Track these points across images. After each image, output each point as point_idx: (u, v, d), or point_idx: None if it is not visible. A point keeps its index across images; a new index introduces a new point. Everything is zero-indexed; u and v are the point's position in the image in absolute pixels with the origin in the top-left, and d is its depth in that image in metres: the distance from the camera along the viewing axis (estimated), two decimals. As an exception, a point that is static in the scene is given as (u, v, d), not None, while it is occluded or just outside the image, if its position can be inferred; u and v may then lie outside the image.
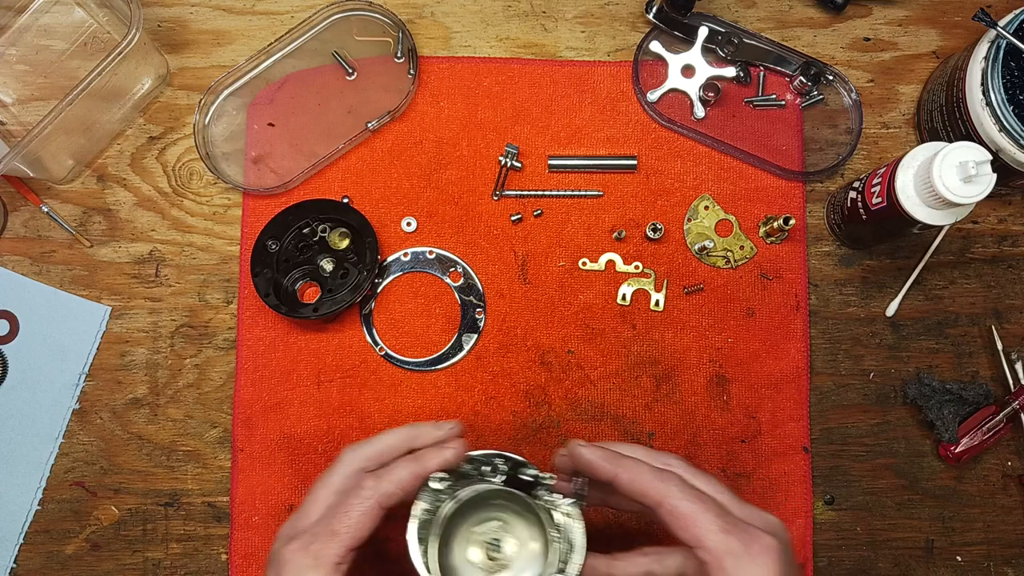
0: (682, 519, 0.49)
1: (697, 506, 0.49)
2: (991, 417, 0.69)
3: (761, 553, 0.47)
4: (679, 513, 0.49)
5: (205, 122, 0.72)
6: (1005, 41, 0.62)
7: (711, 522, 0.48)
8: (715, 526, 0.48)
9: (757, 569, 0.47)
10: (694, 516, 0.48)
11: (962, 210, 0.59)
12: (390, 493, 0.52)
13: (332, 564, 0.50)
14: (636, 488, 0.51)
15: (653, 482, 0.50)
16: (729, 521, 0.49)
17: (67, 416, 0.70)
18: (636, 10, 0.74)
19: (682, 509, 0.49)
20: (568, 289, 0.71)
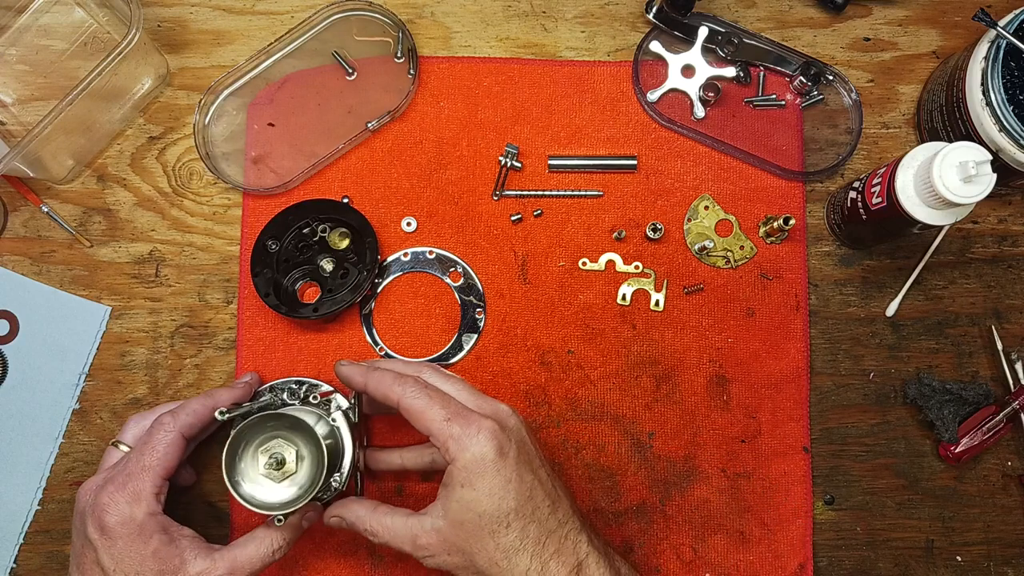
0: (415, 413, 0.56)
1: (426, 401, 0.56)
2: (991, 417, 0.69)
3: (478, 433, 0.54)
4: (412, 409, 0.56)
5: (205, 122, 0.72)
6: (1005, 41, 0.62)
7: (437, 413, 0.55)
8: (440, 416, 0.55)
9: (475, 447, 0.54)
10: (423, 410, 0.56)
11: (962, 210, 0.59)
12: (189, 424, 0.59)
13: (152, 495, 0.57)
14: (381, 392, 0.58)
15: (392, 386, 0.57)
16: (453, 411, 0.56)
17: (67, 416, 0.70)
18: (636, 10, 0.74)
19: (414, 405, 0.56)
20: (568, 289, 0.71)
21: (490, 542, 0.54)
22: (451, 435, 0.55)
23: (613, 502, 0.69)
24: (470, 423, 0.55)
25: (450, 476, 0.55)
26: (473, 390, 0.59)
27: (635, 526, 0.69)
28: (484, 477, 0.54)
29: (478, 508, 0.54)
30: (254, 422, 0.59)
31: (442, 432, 0.55)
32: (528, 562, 0.54)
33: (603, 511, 0.69)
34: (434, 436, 0.56)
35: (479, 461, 0.54)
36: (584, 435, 0.70)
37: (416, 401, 0.56)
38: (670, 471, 0.69)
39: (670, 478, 0.69)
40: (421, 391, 0.57)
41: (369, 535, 0.59)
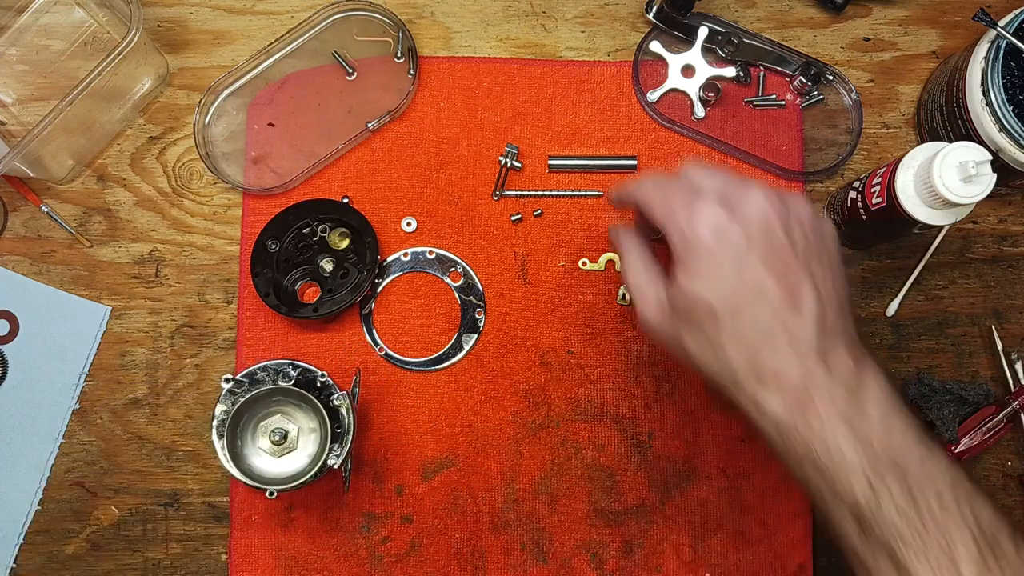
0: (645, 204, 0.54)
1: (651, 188, 0.54)
2: (991, 417, 0.69)
3: (694, 215, 0.50)
4: (643, 200, 0.54)
5: (205, 122, 0.72)
6: (1005, 41, 0.62)
7: (660, 198, 0.53)
8: (663, 200, 0.52)
9: (689, 229, 0.50)
10: (650, 199, 0.54)
11: (962, 210, 0.59)
12: None
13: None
14: (627, 199, 0.57)
15: (631, 187, 0.56)
16: (678, 192, 0.52)
17: (67, 416, 0.70)
18: (636, 10, 0.74)
19: (646, 196, 0.54)
20: (568, 289, 0.71)
21: (699, 332, 0.50)
22: (671, 218, 0.51)
23: (613, 502, 0.69)
24: (692, 204, 0.50)
25: (677, 256, 0.51)
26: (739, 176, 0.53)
27: (635, 526, 0.69)
28: (699, 262, 0.49)
29: (691, 293, 0.50)
30: (259, 395, 0.61)
31: (664, 215, 0.52)
32: (740, 365, 0.49)
33: (603, 511, 0.69)
34: (658, 220, 0.52)
35: (695, 244, 0.49)
36: (584, 435, 0.70)
37: (648, 192, 0.54)
38: (670, 471, 0.69)
39: (670, 478, 0.69)
40: (655, 182, 0.54)
41: (624, 271, 0.57)
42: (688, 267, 0.50)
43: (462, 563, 0.69)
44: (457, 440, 0.70)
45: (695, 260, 0.50)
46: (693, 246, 0.50)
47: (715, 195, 0.50)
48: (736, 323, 0.49)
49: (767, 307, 0.48)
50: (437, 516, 0.69)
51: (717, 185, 0.51)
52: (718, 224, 0.49)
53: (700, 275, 0.50)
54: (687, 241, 0.50)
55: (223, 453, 0.61)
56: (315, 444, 0.63)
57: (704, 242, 0.49)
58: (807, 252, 0.50)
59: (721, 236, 0.49)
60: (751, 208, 0.50)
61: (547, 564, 0.69)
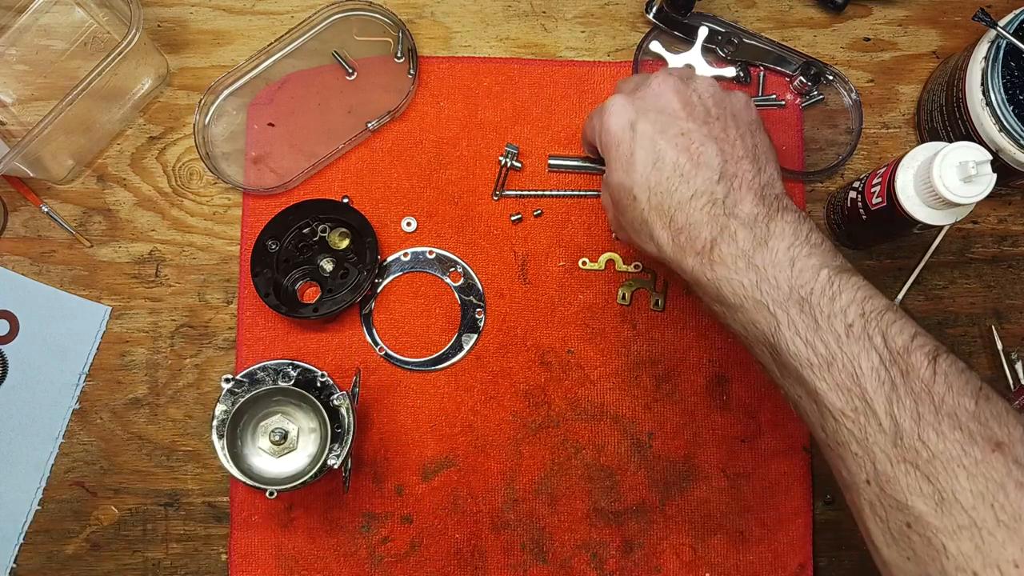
0: (583, 135, 0.63)
1: (587, 120, 0.61)
2: (991, 417, 0.69)
3: (602, 114, 0.56)
4: (583, 133, 0.62)
5: (205, 122, 0.72)
6: (1005, 41, 0.62)
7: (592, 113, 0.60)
8: (593, 113, 0.60)
9: (602, 127, 0.56)
10: (584, 128, 0.62)
11: (962, 210, 0.59)
12: None
13: None
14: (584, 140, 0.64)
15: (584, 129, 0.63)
16: (601, 105, 0.57)
17: (67, 416, 0.70)
18: (636, 10, 0.74)
19: (584, 129, 0.62)
20: (568, 289, 0.71)
21: (628, 215, 0.55)
22: (592, 126, 0.58)
23: (613, 502, 0.69)
24: (602, 109, 0.56)
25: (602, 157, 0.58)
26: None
27: (635, 526, 0.69)
28: (609, 152, 0.55)
29: (612, 183, 0.56)
30: (259, 395, 0.61)
31: (590, 132, 0.59)
32: (660, 232, 0.52)
33: (603, 511, 0.69)
34: (592, 139, 0.59)
35: (607, 137, 0.55)
36: (584, 435, 0.70)
37: (584, 125, 0.61)
38: (670, 471, 0.69)
39: (670, 478, 0.69)
40: (589, 115, 0.60)
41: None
42: (609, 162, 0.56)
43: (462, 563, 0.69)
44: (457, 440, 0.70)
45: (609, 153, 0.55)
46: (606, 142, 0.55)
47: (622, 92, 0.56)
48: (652, 198, 0.52)
49: (671, 173, 0.52)
50: (437, 516, 0.69)
51: (628, 84, 0.58)
52: (621, 115, 0.54)
53: (616, 165, 0.55)
54: (603, 141, 0.56)
55: (223, 453, 0.62)
56: (315, 444, 0.63)
57: (612, 134, 0.55)
58: (708, 118, 0.53)
59: (621, 123, 0.54)
60: (651, 91, 0.55)
61: (547, 564, 0.69)
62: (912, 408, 0.42)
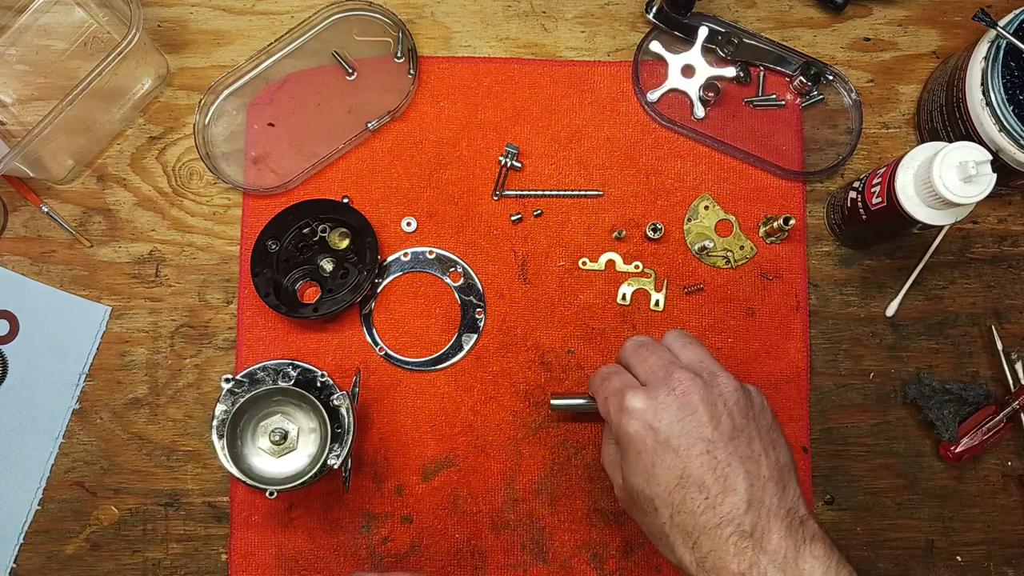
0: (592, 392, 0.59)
1: (598, 383, 0.58)
2: (991, 417, 0.69)
3: (621, 411, 0.53)
4: (591, 389, 0.60)
5: (205, 122, 0.72)
6: (1005, 41, 0.62)
7: (601, 391, 0.57)
8: (601, 395, 0.57)
9: (621, 426, 0.53)
10: (595, 389, 0.58)
11: (962, 210, 0.59)
12: None
13: None
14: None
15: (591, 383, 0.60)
16: (614, 389, 0.55)
17: (67, 416, 0.70)
18: (636, 10, 0.74)
19: (592, 387, 0.59)
20: (568, 289, 0.71)
21: (645, 518, 0.54)
22: (607, 413, 0.55)
23: (613, 502, 0.69)
24: (621, 398, 0.54)
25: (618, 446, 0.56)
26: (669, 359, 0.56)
27: (635, 526, 0.69)
28: (629, 455, 0.53)
29: (629, 483, 0.54)
30: (259, 395, 0.61)
31: (604, 410, 0.56)
32: (683, 552, 0.51)
33: (603, 511, 0.69)
34: (603, 415, 0.57)
35: (624, 439, 0.53)
36: (584, 435, 0.70)
37: (593, 385, 0.59)
38: (670, 471, 0.69)
39: (670, 478, 0.69)
40: (600, 373, 0.58)
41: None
42: (627, 461, 0.53)
43: (462, 563, 0.68)
44: (457, 440, 0.70)
45: (627, 453, 0.53)
46: (624, 441, 0.53)
47: (640, 384, 0.54)
48: (675, 515, 0.51)
49: (697, 495, 0.50)
50: (437, 516, 0.69)
51: (645, 373, 0.55)
52: (643, 417, 0.52)
53: (635, 471, 0.53)
54: (620, 436, 0.54)
55: (223, 453, 0.62)
56: (315, 444, 0.63)
57: (631, 437, 0.52)
58: (734, 432, 0.52)
59: (645, 430, 0.52)
60: (671, 396, 0.52)
61: (547, 564, 0.69)
62: None
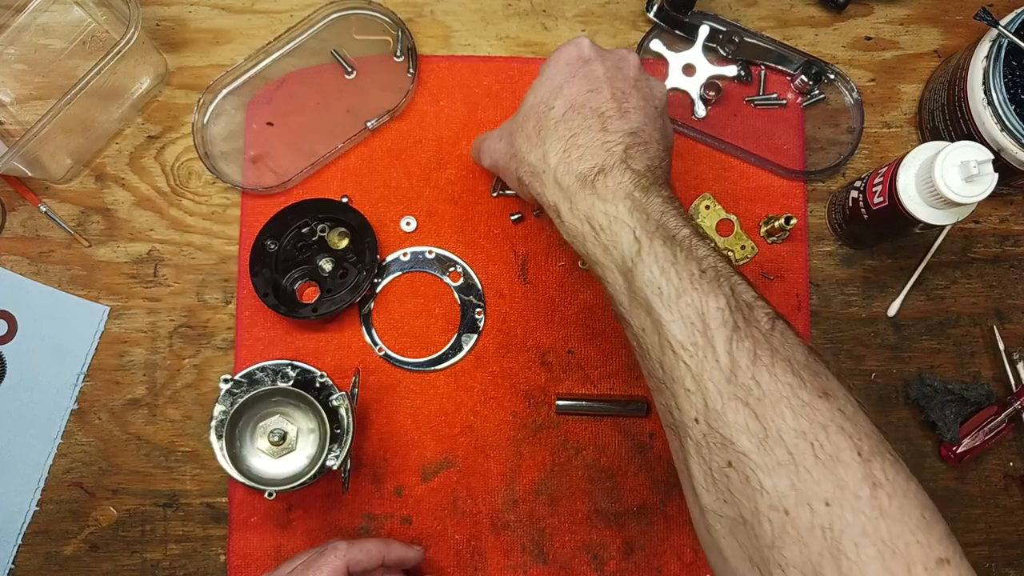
0: None
1: None
2: (993, 417, 0.69)
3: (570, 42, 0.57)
4: None
5: (204, 121, 0.72)
6: (1007, 40, 0.62)
7: None
8: None
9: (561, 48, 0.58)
10: None
11: (964, 210, 0.59)
12: (358, 560, 0.59)
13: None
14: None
15: None
16: None
17: (65, 416, 0.70)
18: (637, 9, 0.74)
19: None
20: (568, 289, 0.71)
21: (531, 121, 0.56)
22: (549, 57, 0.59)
23: (614, 503, 0.69)
24: (572, 39, 0.58)
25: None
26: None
27: (636, 527, 0.69)
28: (554, 65, 0.57)
29: (538, 89, 0.57)
30: (258, 396, 0.61)
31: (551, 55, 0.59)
32: (553, 143, 0.54)
33: (604, 512, 0.69)
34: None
35: (558, 55, 0.57)
36: (584, 436, 0.70)
37: None
38: (671, 472, 0.69)
39: (671, 479, 0.69)
40: None
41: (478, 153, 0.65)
42: (543, 71, 0.57)
43: (462, 564, 0.68)
44: (457, 441, 0.69)
45: (549, 64, 0.57)
46: (556, 57, 0.57)
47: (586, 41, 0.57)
48: (568, 112, 0.54)
49: (596, 105, 0.54)
50: (437, 517, 0.69)
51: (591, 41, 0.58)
52: (580, 48, 0.57)
53: (550, 72, 0.56)
54: (553, 56, 0.57)
55: (222, 454, 0.61)
56: (314, 445, 0.63)
57: (567, 54, 0.57)
58: (649, 99, 0.56)
59: (579, 53, 0.56)
60: (613, 52, 0.57)
61: (547, 565, 0.68)
62: (750, 349, 0.44)
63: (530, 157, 0.55)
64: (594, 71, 0.55)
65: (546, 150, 0.54)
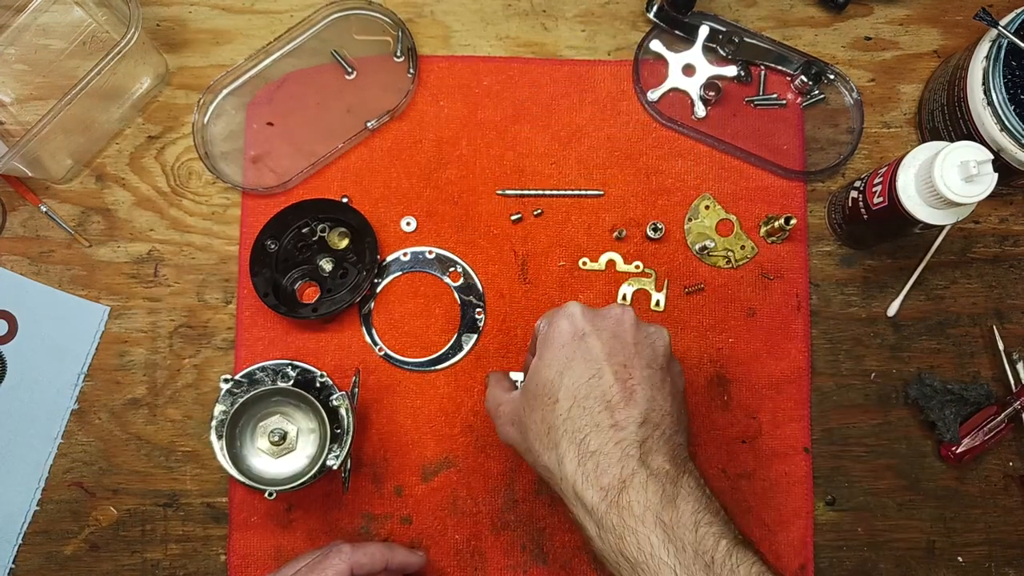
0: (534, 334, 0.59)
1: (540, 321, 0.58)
2: (992, 417, 0.69)
3: (562, 312, 0.56)
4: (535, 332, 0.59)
5: (204, 121, 0.72)
6: (1006, 40, 0.62)
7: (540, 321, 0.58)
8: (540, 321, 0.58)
9: (555, 322, 0.56)
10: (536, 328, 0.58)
11: (963, 210, 0.59)
12: (362, 563, 0.59)
13: None
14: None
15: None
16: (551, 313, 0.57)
17: (66, 416, 0.70)
18: (637, 9, 0.74)
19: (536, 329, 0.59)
20: (568, 289, 0.71)
21: (538, 414, 0.54)
22: (538, 327, 0.57)
23: (613, 503, 0.69)
24: (558, 309, 0.56)
25: (536, 351, 0.57)
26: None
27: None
28: (552, 347, 0.55)
29: (538, 376, 0.55)
30: (258, 396, 0.61)
31: (535, 330, 0.58)
32: (567, 449, 0.52)
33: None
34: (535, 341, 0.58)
35: (554, 334, 0.55)
36: (584, 435, 0.70)
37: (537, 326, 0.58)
38: (670, 472, 0.69)
39: (670, 479, 0.69)
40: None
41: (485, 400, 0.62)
42: (542, 354, 0.55)
43: (462, 564, 0.68)
44: (457, 441, 0.70)
45: (549, 347, 0.55)
46: (550, 337, 0.55)
47: (578, 310, 0.56)
48: (574, 408, 0.52)
49: (600, 395, 0.52)
50: (437, 517, 0.69)
51: (583, 307, 0.57)
52: (574, 320, 0.55)
53: (551, 362, 0.54)
54: (546, 336, 0.56)
55: (222, 454, 0.61)
56: (314, 445, 0.63)
57: (561, 333, 0.55)
58: (652, 363, 0.54)
59: (575, 329, 0.55)
60: (606, 316, 0.56)
61: (547, 565, 0.68)
62: None
63: (544, 459, 0.53)
64: (591, 349, 0.53)
65: (560, 455, 0.52)
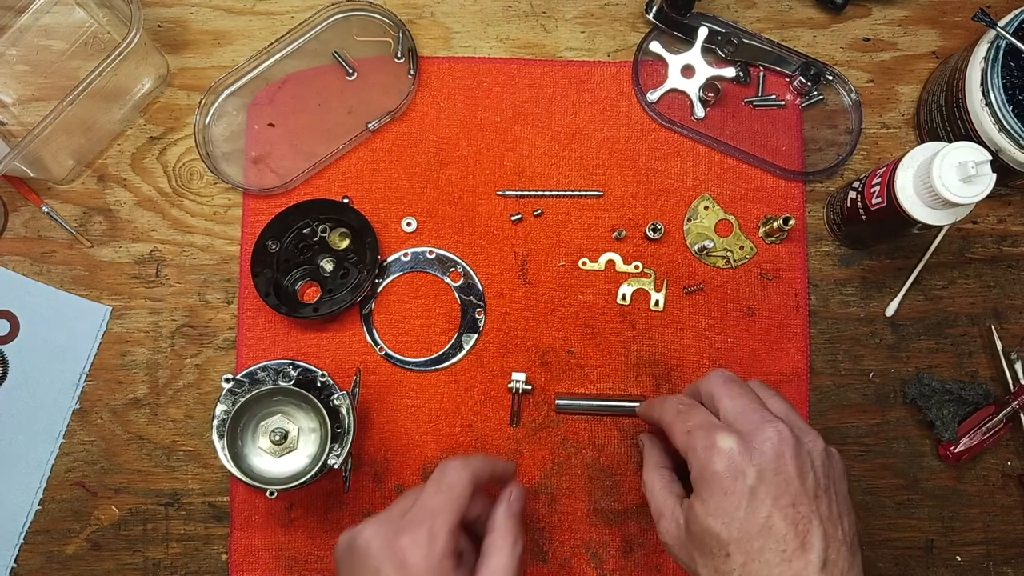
0: (665, 427, 0.57)
1: (673, 415, 0.57)
2: (991, 417, 0.69)
3: (711, 448, 0.52)
4: (667, 424, 0.57)
5: (205, 122, 0.72)
6: (1005, 41, 0.62)
7: (680, 426, 0.55)
8: (682, 428, 0.55)
9: (708, 462, 0.52)
10: (670, 423, 0.56)
11: (962, 210, 0.59)
12: (477, 474, 0.56)
13: (447, 533, 0.53)
14: (650, 417, 0.61)
15: (655, 405, 0.60)
16: (697, 423, 0.54)
17: (67, 416, 0.70)
18: (636, 10, 0.74)
19: (664, 418, 0.57)
20: (568, 289, 0.71)
21: (710, 562, 0.52)
22: (690, 446, 0.53)
23: (613, 502, 0.69)
24: (709, 436, 0.52)
25: (694, 482, 0.54)
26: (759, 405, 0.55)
27: (635, 526, 0.69)
28: (714, 494, 0.51)
29: (703, 523, 0.52)
30: (259, 395, 0.61)
31: (684, 443, 0.54)
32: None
33: (603, 511, 0.69)
34: (679, 446, 0.55)
35: (710, 477, 0.52)
36: (584, 435, 0.70)
37: (670, 417, 0.56)
38: (670, 471, 0.69)
39: (670, 478, 0.69)
40: (677, 408, 0.57)
41: (642, 480, 0.60)
42: (704, 498, 0.52)
43: (462, 563, 0.68)
44: (457, 440, 0.70)
45: (710, 492, 0.52)
46: (709, 479, 0.52)
47: (732, 426, 0.53)
48: (748, 562, 0.50)
49: (775, 547, 0.50)
50: (437, 516, 0.69)
51: (735, 413, 0.54)
52: (732, 460, 0.51)
53: (714, 508, 0.51)
54: (703, 472, 0.52)
55: (223, 453, 0.62)
56: (315, 444, 0.63)
57: (719, 477, 0.51)
58: (817, 491, 0.52)
59: (735, 472, 0.51)
60: (766, 444, 0.52)
61: (547, 564, 0.69)
62: None
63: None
64: (756, 494, 0.51)
65: None
